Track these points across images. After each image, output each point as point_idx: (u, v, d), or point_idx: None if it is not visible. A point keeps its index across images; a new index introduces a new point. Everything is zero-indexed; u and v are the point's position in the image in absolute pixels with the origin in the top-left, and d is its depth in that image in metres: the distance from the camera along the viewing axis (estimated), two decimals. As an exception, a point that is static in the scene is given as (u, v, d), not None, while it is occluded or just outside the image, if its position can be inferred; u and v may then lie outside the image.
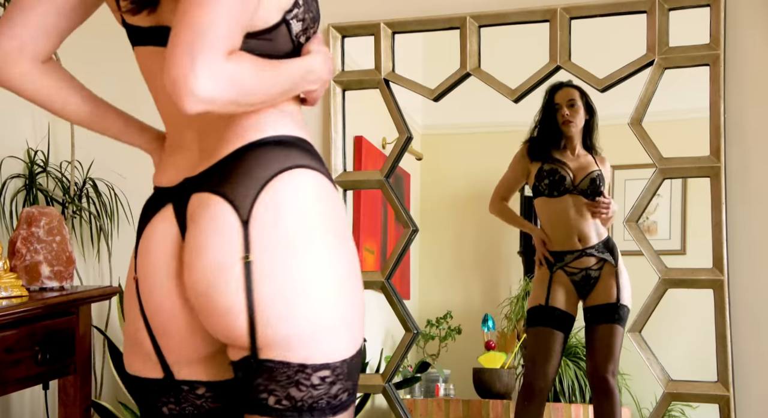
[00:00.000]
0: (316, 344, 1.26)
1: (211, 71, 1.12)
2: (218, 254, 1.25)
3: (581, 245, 2.85)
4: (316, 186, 1.30)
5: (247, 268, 1.24)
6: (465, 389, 3.09)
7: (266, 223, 1.25)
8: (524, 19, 2.65)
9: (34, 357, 1.97)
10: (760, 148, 2.52)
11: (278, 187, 1.27)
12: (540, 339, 2.86)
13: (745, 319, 2.49)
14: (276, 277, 1.24)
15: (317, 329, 1.26)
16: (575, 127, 2.87)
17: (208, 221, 1.27)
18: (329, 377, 1.28)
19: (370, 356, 2.93)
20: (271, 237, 1.25)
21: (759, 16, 2.52)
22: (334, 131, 2.81)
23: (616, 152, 2.97)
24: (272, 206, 1.26)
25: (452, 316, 3.13)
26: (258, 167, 1.27)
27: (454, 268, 3.23)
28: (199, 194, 1.30)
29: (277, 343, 1.25)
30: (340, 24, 2.80)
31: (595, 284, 2.83)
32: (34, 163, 2.75)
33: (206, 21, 1.13)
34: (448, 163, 3.25)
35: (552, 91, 2.85)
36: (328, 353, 1.27)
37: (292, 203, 1.27)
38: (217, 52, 1.13)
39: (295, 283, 1.25)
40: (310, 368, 1.26)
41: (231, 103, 1.18)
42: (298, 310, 1.25)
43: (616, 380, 2.75)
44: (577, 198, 2.85)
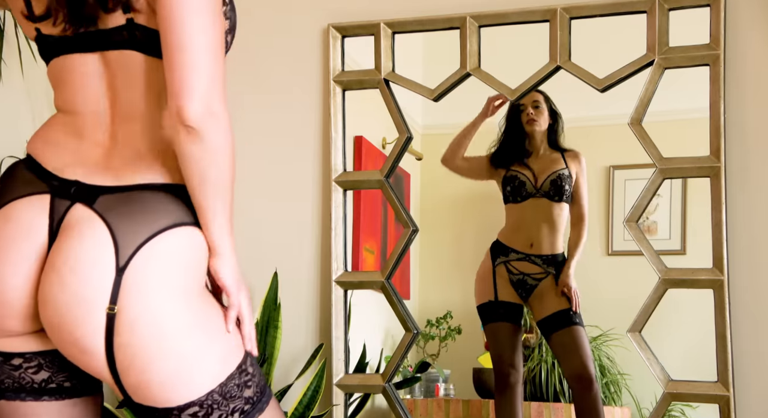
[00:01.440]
0: (174, 387, 1.27)
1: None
2: (84, 293, 1.23)
3: (531, 250, 2.85)
4: (193, 244, 1.30)
5: (110, 318, 1.24)
6: (465, 389, 3.08)
7: (139, 276, 1.24)
8: (524, 19, 2.65)
9: (34, 357, 1.96)
10: (760, 148, 2.52)
11: (161, 242, 1.26)
12: (498, 335, 2.90)
13: (745, 319, 2.49)
14: (135, 329, 1.24)
15: (172, 374, 1.26)
16: (539, 127, 2.89)
17: (85, 249, 1.25)
18: (200, 411, 1.29)
19: (370, 356, 2.93)
20: (139, 290, 1.24)
21: (759, 16, 2.52)
22: (334, 131, 2.81)
23: (616, 152, 2.97)
24: (150, 262, 1.25)
25: (452, 316, 3.13)
26: (153, 215, 1.27)
27: (454, 268, 3.23)
28: (85, 209, 1.28)
29: (140, 389, 1.26)
30: (340, 24, 2.80)
31: (531, 292, 2.83)
32: (34, 163, 2.75)
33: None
34: (448, 163, 3.24)
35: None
36: (190, 392, 1.28)
37: (167, 263, 1.27)
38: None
39: (152, 335, 1.25)
40: (176, 410, 1.28)
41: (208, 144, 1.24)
42: (150, 358, 1.25)
43: (593, 372, 2.76)
44: (541, 201, 2.86)
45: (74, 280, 1.24)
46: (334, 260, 2.79)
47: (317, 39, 2.86)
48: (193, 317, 1.29)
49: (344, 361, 2.77)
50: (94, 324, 1.24)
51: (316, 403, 2.62)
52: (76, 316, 1.24)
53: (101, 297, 1.24)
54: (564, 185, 2.84)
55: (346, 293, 2.80)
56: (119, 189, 1.29)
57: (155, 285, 1.26)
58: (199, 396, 1.28)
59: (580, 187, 2.88)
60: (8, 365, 1.34)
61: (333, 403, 2.74)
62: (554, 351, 2.85)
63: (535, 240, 2.86)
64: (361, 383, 2.76)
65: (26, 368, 1.35)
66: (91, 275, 1.24)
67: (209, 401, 1.29)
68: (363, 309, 2.93)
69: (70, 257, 1.25)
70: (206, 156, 1.25)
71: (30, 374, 1.35)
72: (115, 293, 1.24)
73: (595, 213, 2.90)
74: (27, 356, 1.34)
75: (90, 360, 1.27)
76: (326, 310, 2.82)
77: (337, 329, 2.77)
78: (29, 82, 2.73)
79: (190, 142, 1.24)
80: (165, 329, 1.26)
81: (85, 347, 1.25)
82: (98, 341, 1.24)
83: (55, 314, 1.25)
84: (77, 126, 1.35)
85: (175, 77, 1.22)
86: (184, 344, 1.27)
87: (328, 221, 2.81)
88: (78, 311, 1.24)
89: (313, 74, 2.87)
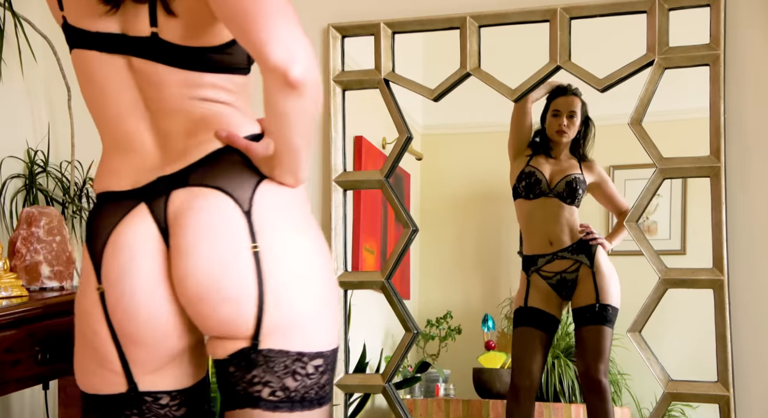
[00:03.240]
0: (315, 331, 1.31)
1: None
2: (225, 243, 1.28)
3: (553, 248, 2.86)
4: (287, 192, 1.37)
5: (256, 257, 1.27)
6: (465, 389, 3.09)
7: (266, 215, 1.30)
8: (524, 19, 2.65)
9: (34, 357, 1.97)
10: (760, 148, 2.52)
11: (270, 186, 1.33)
12: (521, 339, 2.88)
13: (745, 319, 2.49)
14: (280, 265, 1.29)
15: (316, 317, 1.31)
16: (567, 138, 2.89)
17: (207, 213, 1.29)
18: (322, 365, 1.32)
19: (370, 356, 2.93)
20: (272, 228, 1.30)
21: (759, 16, 2.52)
22: (334, 131, 2.81)
23: (616, 152, 2.97)
24: (269, 200, 1.31)
25: (452, 316, 3.13)
26: (246, 171, 1.33)
27: (454, 268, 3.23)
28: (185, 189, 1.32)
29: (280, 329, 1.28)
30: (340, 24, 2.80)
31: (575, 287, 2.84)
32: (34, 164, 2.75)
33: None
34: (448, 163, 3.25)
35: (555, 93, 2.86)
36: (322, 342, 1.32)
37: (283, 197, 1.34)
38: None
39: (298, 270, 1.30)
40: (306, 357, 1.30)
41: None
42: (302, 295, 1.30)
43: (607, 380, 2.76)
44: (553, 201, 2.86)
45: (207, 239, 1.28)
46: (334, 259, 2.79)
47: (317, 39, 2.86)
48: (328, 261, 1.37)
49: (344, 361, 2.77)
50: (243, 265, 1.27)
51: (316, 403, 2.62)
52: (219, 266, 1.27)
53: (242, 240, 1.28)
54: (578, 189, 2.85)
55: (346, 293, 2.80)
56: (197, 165, 1.33)
57: (283, 223, 1.32)
58: (330, 348, 1.33)
59: (607, 189, 2.91)
60: (156, 405, 1.39)
61: (333, 403, 2.74)
62: (576, 343, 2.85)
63: (552, 237, 2.86)
64: (361, 383, 2.76)
65: (172, 406, 1.40)
66: (223, 225, 1.28)
67: (330, 358, 1.34)
68: (363, 309, 2.93)
69: (197, 227, 1.29)
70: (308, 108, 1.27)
71: (173, 410, 1.40)
72: (252, 234, 1.28)
73: (596, 213, 2.90)
74: (173, 394, 1.39)
75: (239, 309, 1.28)
76: (326, 310, 2.82)
77: (337, 329, 2.77)
78: (29, 82, 2.73)
79: (298, 99, 1.25)
80: (307, 264, 1.32)
81: (238, 293, 1.27)
82: (251, 282, 1.27)
83: (202, 271, 1.28)
84: (124, 143, 1.40)
85: (268, 36, 1.22)
86: (323, 288, 1.34)
87: (328, 220, 2.82)
88: (221, 261, 1.27)
89: (313, 74, 2.87)
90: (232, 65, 1.39)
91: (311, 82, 1.24)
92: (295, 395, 1.30)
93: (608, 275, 2.83)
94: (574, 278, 2.84)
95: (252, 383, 1.30)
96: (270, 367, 1.29)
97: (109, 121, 1.41)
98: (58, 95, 2.78)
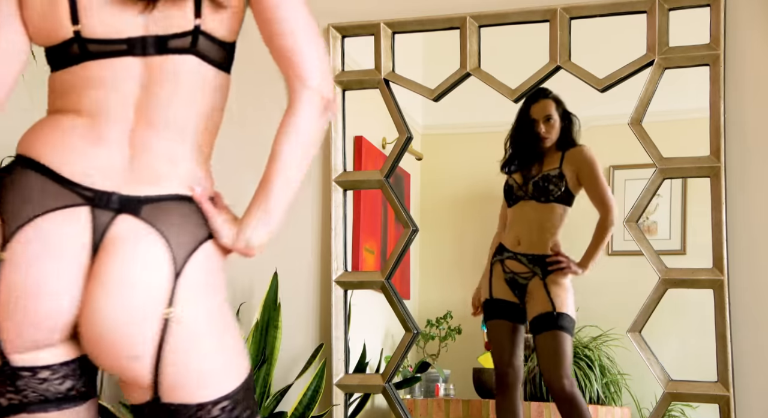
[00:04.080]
0: (212, 382, 1.33)
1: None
2: (141, 298, 1.28)
3: (518, 248, 2.86)
4: (220, 256, 1.37)
5: (165, 322, 1.28)
6: (465, 389, 3.09)
7: (191, 281, 1.30)
8: (524, 19, 2.65)
9: (34, 357, 1.96)
10: (760, 148, 2.52)
11: (205, 251, 1.33)
12: (495, 332, 2.92)
13: (745, 319, 2.49)
14: (183, 329, 1.29)
15: (213, 369, 1.33)
16: (550, 142, 2.88)
17: (142, 259, 1.28)
18: (228, 405, 1.34)
19: (370, 356, 2.93)
20: (192, 295, 1.30)
21: (759, 16, 2.52)
22: (334, 131, 2.81)
23: (616, 152, 2.97)
24: (200, 267, 1.31)
25: (452, 316, 3.13)
26: (193, 227, 1.33)
27: (454, 268, 3.23)
28: (133, 219, 1.30)
29: (176, 387, 1.31)
30: (340, 24, 2.80)
31: (524, 292, 2.84)
32: (34, 163, 2.75)
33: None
34: (448, 163, 3.25)
35: (528, 102, 2.84)
36: (224, 387, 1.34)
37: (209, 270, 1.34)
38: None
39: (200, 335, 1.31)
40: (210, 404, 1.32)
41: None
42: (198, 355, 1.31)
43: (572, 383, 2.73)
44: (530, 203, 2.87)
45: (132, 290, 1.28)
46: (334, 260, 2.79)
47: (317, 39, 2.86)
48: (227, 317, 1.37)
49: (344, 361, 2.77)
50: (151, 329, 1.28)
51: (316, 403, 2.62)
52: (132, 323, 1.27)
53: (159, 303, 1.28)
54: (548, 186, 2.83)
55: (346, 293, 2.80)
56: (158, 199, 1.31)
57: (204, 290, 1.32)
58: (232, 390, 1.34)
59: (588, 178, 2.84)
60: (35, 379, 1.34)
61: (333, 403, 2.74)
62: (536, 352, 2.86)
63: (521, 238, 2.87)
64: (361, 383, 2.76)
65: (53, 380, 1.35)
66: (150, 280, 1.28)
67: (238, 395, 1.35)
68: (363, 309, 2.93)
69: (126, 268, 1.28)
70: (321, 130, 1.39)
71: (56, 385, 1.35)
72: (171, 298, 1.28)
73: (596, 213, 2.90)
74: (54, 368, 1.35)
75: (136, 366, 1.29)
76: (326, 310, 2.82)
77: (337, 329, 2.77)
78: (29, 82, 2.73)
79: (326, 114, 1.38)
80: (211, 328, 1.33)
81: (138, 353, 1.28)
82: (151, 346, 1.28)
83: (107, 326, 1.27)
84: (98, 132, 1.33)
85: (307, 57, 1.35)
86: (224, 342, 1.35)
87: (328, 220, 2.81)
88: (136, 319, 1.27)
89: (313, 74, 2.87)
90: (225, 65, 1.42)
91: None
92: None
93: (565, 286, 2.81)
94: (525, 284, 2.84)
95: None
96: (175, 416, 1.32)
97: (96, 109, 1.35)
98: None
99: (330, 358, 2.75)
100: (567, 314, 2.78)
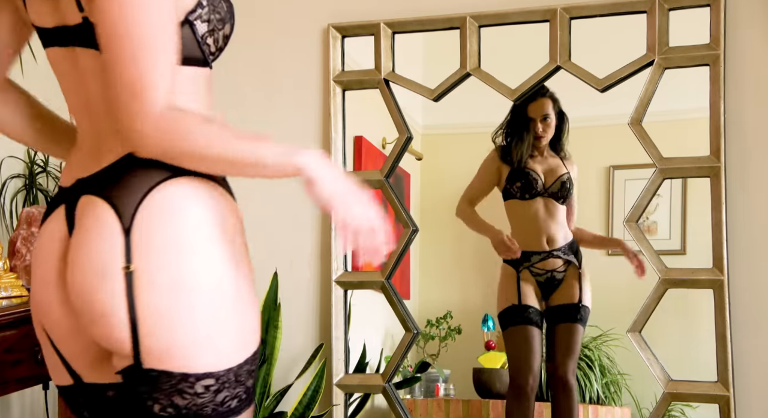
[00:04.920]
0: (198, 354, 1.26)
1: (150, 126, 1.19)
2: (100, 259, 1.24)
3: (548, 246, 2.88)
4: (198, 192, 1.28)
5: (129, 277, 1.23)
6: (465, 389, 3.09)
7: (146, 232, 1.24)
8: (524, 19, 2.65)
9: (34, 357, 1.96)
10: (760, 148, 2.52)
11: (158, 197, 1.25)
12: (521, 337, 2.88)
13: (745, 319, 2.49)
14: (156, 287, 1.23)
15: (197, 339, 1.26)
16: (546, 141, 2.90)
17: (92, 224, 1.26)
18: (214, 385, 1.28)
19: (370, 356, 2.93)
20: (150, 246, 1.24)
21: (759, 16, 2.52)
22: (334, 131, 2.81)
23: (616, 152, 2.97)
24: (153, 215, 1.25)
25: (452, 316, 3.13)
26: (142, 175, 1.26)
27: (454, 268, 3.23)
28: (87, 196, 1.29)
29: (159, 352, 1.25)
30: (340, 24, 2.80)
31: (559, 286, 2.85)
32: (34, 163, 2.75)
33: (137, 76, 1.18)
34: (448, 163, 3.25)
35: (525, 99, 2.84)
36: (210, 363, 1.27)
37: (170, 213, 1.26)
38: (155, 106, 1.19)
39: (175, 293, 1.24)
40: (193, 377, 1.26)
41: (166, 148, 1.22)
42: (179, 320, 1.24)
43: (575, 379, 2.78)
44: (548, 200, 2.88)
45: (86, 251, 1.25)
46: (334, 260, 2.79)
47: (317, 39, 2.86)
48: (220, 281, 1.27)
49: (344, 361, 2.77)
50: (113, 284, 1.23)
51: (316, 403, 2.62)
52: (93, 281, 1.24)
53: (115, 259, 1.23)
54: (571, 188, 2.87)
55: (346, 293, 2.80)
56: (104, 171, 1.29)
57: (165, 241, 1.24)
58: (219, 369, 1.28)
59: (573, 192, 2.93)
60: (103, 397, 1.36)
61: (333, 403, 2.74)
62: (549, 340, 2.86)
63: (549, 236, 2.88)
64: (361, 383, 2.76)
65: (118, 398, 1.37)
66: (99, 241, 1.25)
67: (225, 378, 1.29)
68: (363, 309, 2.93)
69: (80, 235, 1.27)
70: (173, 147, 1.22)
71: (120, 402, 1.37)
72: (128, 253, 1.23)
73: (596, 213, 2.90)
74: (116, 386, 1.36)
75: (112, 326, 1.25)
76: (326, 310, 2.82)
77: (337, 329, 2.77)
78: (29, 82, 2.73)
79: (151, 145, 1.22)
80: (190, 289, 1.24)
81: (106, 310, 1.24)
82: (119, 302, 1.23)
83: (78, 283, 1.26)
84: (79, 137, 1.38)
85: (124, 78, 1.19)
86: (212, 311, 1.26)
87: (328, 220, 2.81)
88: (96, 276, 1.24)
89: (313, 74, 2.87)
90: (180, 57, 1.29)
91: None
92: (186, 412, 1.28)
93: (588, 278, 2.86)
94: (562, 277, 2.86)
95: (142, 399, 1.28)
96: (156, 385, 1.27)
97: (74, 118, 1.40)
98: (58, 95, 2.78)
99: (330, 358, 2.75)
100: (587, 306, 2.83)
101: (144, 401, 1.28)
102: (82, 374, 1.36)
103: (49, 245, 1.32)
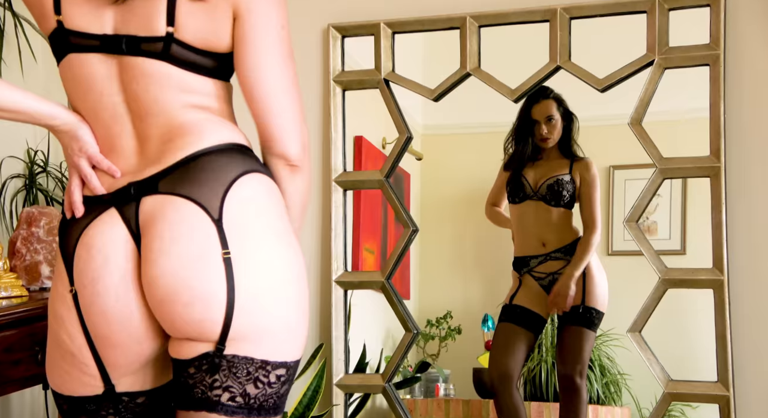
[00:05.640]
0: (282, 340, 1.31)
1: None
2: (196, 246, 1.29)
3: (545, 249, 2.86)
4: (269, 188, 1.38)
5: (227, 262, 1.28)
6: (465, 389, 3.09)
7: (236, 221, 1.31)
8: (524, 19, 2.65)
9: (34, 357, 1.97)
10: (760, 148, 2.52)
11: (240, 190, 1.33)
12: (501, 334, 2.89)
13: (745, 319, 2.49)
14: (252, 273, 1.29)
15: (286, 326, 1.31)
16: (552, 142, 2.88)
17: (179, 218, 1.30)
18: (284, 375, 1.32)
19: (370, 356, 2.93)
20: (242, 235, 1.30)
21: (759, 16, 2.52)
22: (334, 131, 2.81)
23: (616, 152, 2.97)
24: (239, 206, 1.32)
25: (452, 316, 3.13)
26: (219, 171, 1.33)
27: (454, 268, 3.23)
28: (155, 197, 1.33)
29: (247, 336, 1.28)
30: (340, 24, 2.80)
31: None
32: (34, 163, 2.75)
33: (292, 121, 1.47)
34: (448, 163, 3.25)
35: (529, 102, 2.84)
36: (288, 352, 1.32)
37: (255, 204, 1.34)
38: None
39: (271, 279, 1.31)
40: (270, 365, 1.30)
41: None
42: (273, 304, 1.30)
43: (584, 382, 2.77)
44: (539, 204, 2.87)
45: (178, 241, 1.29)
46: (334, 260, 2.79)
47: (317, 39, 2.86)
48: (300, 268, 1.37)
49: (344, 361, 2.77)
50: (213, 268, 1.28)
51: (316, 403, 2.62)
52: (193, 266, 1.28)
53: (212, 246, 1.29)
54: (561, 191, 2.84)
55: (346, 293, 2.80)
56: (168, 171, 1.34)
57: (256, 231, 1.32)
58: (292, 360, 1.33)
59: (586, 194, 2.86)
60: (132, 404, 1.40)
61: (333, 403, 2.74)
62: (557, 342, 2.86)
63: (545, 239, 2.87)
64: (361, 383, 2.76)
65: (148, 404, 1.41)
66: (191, 231, 1.29)
67: (293, 370, 1.34)
68: (363, 309, 2.93)
69: (165, 234, 1.30)
70: (304, 184, 1.43)
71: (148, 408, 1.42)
72: (224, 241, 1.29)
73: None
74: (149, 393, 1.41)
75: (211, 308, 1.28)
76: (326, 310, 2.82)
77: (337, 329, 2.77)
78: (29, 82, 2.73)
79: (297, 176, 1.42)
80: (281, 274, 1.32)
81: (208, 295, 1.28)
82: (221, 286, 1.28)
83: (172, 270, 1.28)
84: (110, 142, 1.40)
85: (273, 123, 1.38)
86: (295, 298, 1.34)
87: (328, 221, 2.81)
88: (195, 262, 1.28)
89: (313, 74, 2.87)
90: (226, 73, 1.42)
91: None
92: (254, 402, 1.31)
93: (597, 279, 2.83)
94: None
95: (212, 387, 1.30)
96: (233, 372, 1.29)
97: (101, 124, 1.41)
98: (58, 95, 2.78)
99: (330, 358, 2.76)
100: (596, 308, 2.80)
101: (213, 390, 1.30)
102: (118, 382, 1.38)
103: (111, 249, 1.33)
